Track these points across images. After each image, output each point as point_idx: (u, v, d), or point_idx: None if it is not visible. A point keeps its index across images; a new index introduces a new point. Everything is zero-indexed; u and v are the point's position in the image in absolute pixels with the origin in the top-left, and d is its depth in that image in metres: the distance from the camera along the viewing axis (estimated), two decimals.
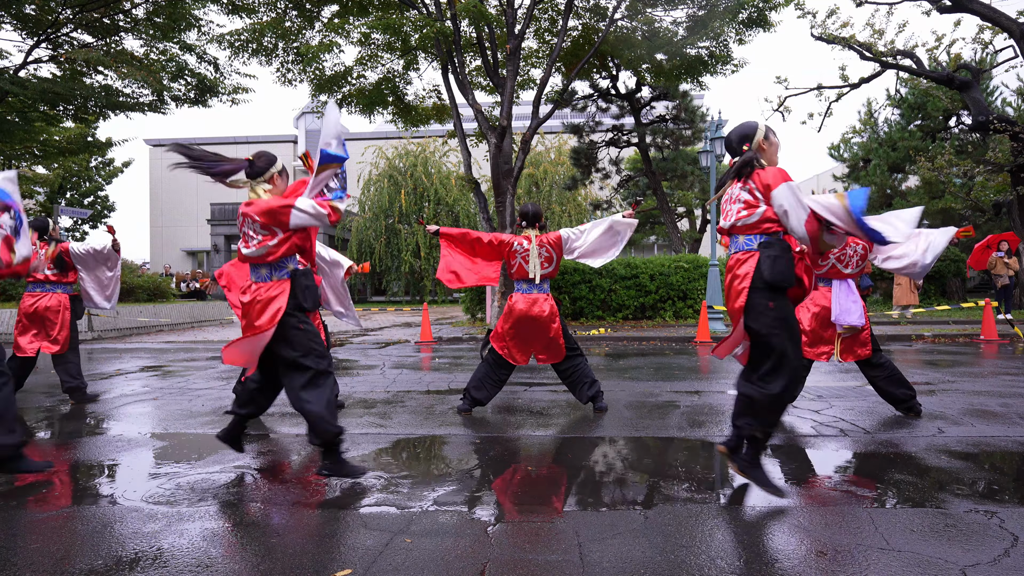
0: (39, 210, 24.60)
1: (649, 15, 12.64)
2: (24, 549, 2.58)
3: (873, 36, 14.66)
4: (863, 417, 4.81)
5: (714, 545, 2.56)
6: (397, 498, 3.15)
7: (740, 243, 3.13)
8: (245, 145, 35.85)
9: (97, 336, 12.99)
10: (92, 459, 3.97)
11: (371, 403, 5.63)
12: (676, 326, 12.81)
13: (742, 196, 3.12)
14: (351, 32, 12.53)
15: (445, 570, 2.36)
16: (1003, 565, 2.32)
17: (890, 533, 2.62)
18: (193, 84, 14.90)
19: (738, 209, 3.12)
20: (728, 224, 3.18)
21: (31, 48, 13.70)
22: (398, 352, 9.86)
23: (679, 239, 18.94)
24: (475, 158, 14.11)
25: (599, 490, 3.28)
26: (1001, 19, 13.17)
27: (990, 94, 20.66)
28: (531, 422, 4.84)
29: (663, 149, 18.73)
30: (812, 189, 35.32)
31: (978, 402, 5.33)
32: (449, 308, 23.21)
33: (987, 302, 10.96)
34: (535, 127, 12.67)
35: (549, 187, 27.26)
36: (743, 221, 3.10)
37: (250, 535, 2.72)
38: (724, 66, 13.60)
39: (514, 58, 12.22)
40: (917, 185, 21.16)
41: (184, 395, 6.19)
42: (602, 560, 2.42)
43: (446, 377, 7.18)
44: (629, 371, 7.35)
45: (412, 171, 27.19)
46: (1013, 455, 3.84)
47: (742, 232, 3.12)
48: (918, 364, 7.86)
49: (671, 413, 5.07)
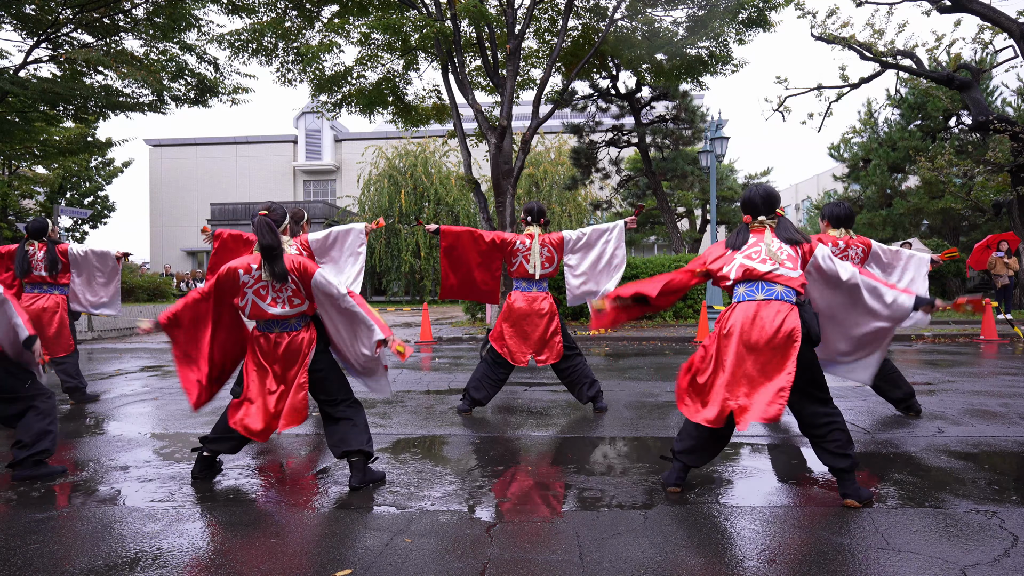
0: (39, 210, 24.60)
1: (649, 15, 12.64)
2: (24, 549, 2.58)
3: (873, 36, 14.65)
4: (863, 417, 4.81)
5: (714, 545, 2.56)
6: (397, 498, 3.15)
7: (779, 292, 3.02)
8: (245, 145, 35.88)
9: (97, 336, 12.99)
10: (92, 459, 3.97)
11: (371, 403, 5.62)
12: (676, 326, 12.81)
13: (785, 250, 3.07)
14: (351, 32, 12.52)
15: (445, 570, 2.36)
16: (1003, 565, 2.32)
17: (890, 533, 2.62)
18: (193, 84, 14.89)
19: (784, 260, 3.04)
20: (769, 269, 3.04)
21: (31, 48, 13.69)
22: None
23: (679, 239, 18.93)
24: (475, 158, 14.11)
25: (599, 490, 3.28)
26: (1001, 19, 13.17)
27: (990, 94, 20.64)
28: (531, 422, 4.84)
29: (663, 149, 18.71)
30: (812, 189, 35.32)
31: (978, 402, 5.33)
32: (449, 308, 23.21)
33: (987, 302, 10.96)
34: (535, 127, 12.66)
35: (549, 187, 27.25)
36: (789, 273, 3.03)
37: (250, 535, 2.72)
38: (724, 66, 13.59)
39: (514, 58, 12.22)
40: (917, 185, 21.14)
41: (184, 395, 6.19)
42: (602, 560, 2.42)
43: (446, 377, 7.17)
44: (629, 371, 7.35)
45: (412, 171, 27.19)
46: (1013, 455, 3.84)
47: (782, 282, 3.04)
48: (918, 364, 7.86)
49: (671, 413, 5.07)
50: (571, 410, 5.26)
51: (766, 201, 3.16)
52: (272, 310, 3.24)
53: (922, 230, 22.23)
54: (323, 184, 36.30)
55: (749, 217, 3.19)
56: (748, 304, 3.02)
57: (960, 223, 21.63)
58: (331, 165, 35.59)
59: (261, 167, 35.77)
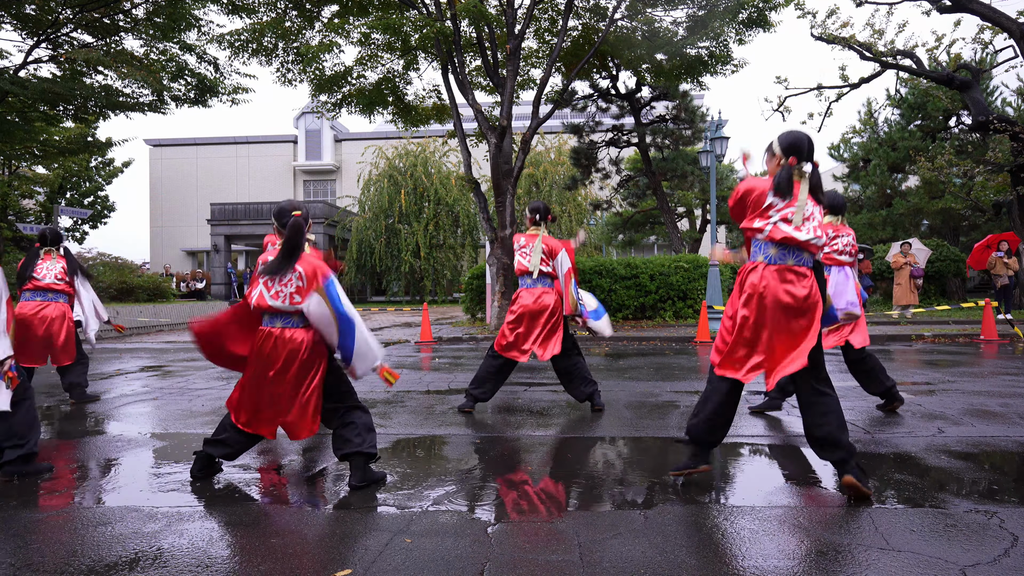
0: (39, 210, 24.59)
1: (649, 15, 12.64)
2: (24, 549, 2.58)
3: (873, 36, 14.66)
4: (863, 417, 4.82)
5: (714, 545, 2.56)
6: (397, 498, 3.15)
7: (805, 258, 3.09)
8: (245, 145, 35.86)
9: (97, 336, 12.98)
10: (92, 459, 3.98)
11: (371, 403, 5.62)
12: (676, 326, 12.81)
13: (816, 215, 3.11)
14: (351, 32, 12.52)
15: (445, 570, 2.36)
16: (1003, 565, 2.32)
17: (890, 533, 2.62)
18: (193, 84, 14.89)
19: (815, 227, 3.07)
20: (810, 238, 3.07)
21: (31, 48, 13.69)
22: (398, 352, 9.86)
23: (679, 239, 18.93)
24: (475, 158, 14.11)
25: (599, 490, 3.28)
26: (1001, 19, 13.17)
27: (990, 94, 20.65)
28: (531, 422, 4.84)
29: (663, 149, 18.71)
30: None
31: (978, 402, 5.33)
32: (449, 308, 23.21)
33: (987, 302, 10.96)
34: (535, 127, 12.66)
35: (549, 187, 27.25)
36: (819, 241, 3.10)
37: (250, 535, 2.72)
38: (724, 66, 13.59)
39: (514, 58, 12.22)
40: (917, 185, 21.14)
41: (184, 395, 6.19)
42: (602, 560, 2.42)
43: (446, 377, 7.17)
44: (629, 371, 7.35)
45: (412, 171, 27.18)
46: (1013, 455, 3.84)
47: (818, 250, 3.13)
48: (918, 364, 7.86)
49: (671, 413, 5.07)
50: (571, 410, 5.26)
51: (811, 147, 3.12)
52: (273, 303, 3.27)
53: (922, 230, 22.24)
54: (323, 184, 36.29)
55: (795, 159, 3.10)
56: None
57: (960, 223, 21.63)
58: (331, 165, 35.58)
59: (261, 167, 35.77)
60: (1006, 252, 12.46)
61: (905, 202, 20.56)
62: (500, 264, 12.23)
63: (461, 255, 27.50)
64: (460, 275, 26.91)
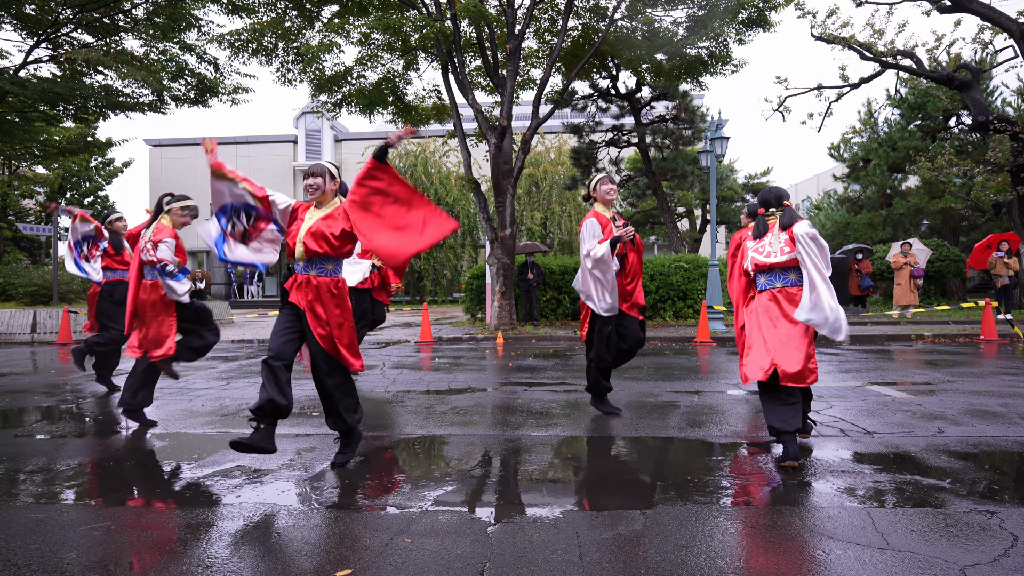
0: (39, 210, 24.59)
1: (649, 15, 12.64)
2: (24, 549, 2.58)
3: (873, 36, 14.66)
4: (863, 417, 4.81)
5: (714, 545, 2.56)
6: (397, 498, 3.15)
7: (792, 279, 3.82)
8: (245, 145, 35.87)
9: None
10: (92, 459, 3.97)
11: (371, 403, 5.62)
12: (676, 326, 12.81)
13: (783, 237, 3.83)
14: (351, 32, 12.53)
15: (445, 570, 2.36)
16: (1003, 565, 2.32)
17: (890, 533, 2.62)
18: (193, 84, 14.90)
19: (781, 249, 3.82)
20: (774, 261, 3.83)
21: (31, 48, 13.70)
22: (398, 352, 9.86)
23: (679, 239, 18.93)
24: (475, 158, 14.11)
25: (599, 490, 3.28)
26: (1001, 19, 13.17)
27: (990, 94, 20.65)
28: (531, 422, 4.84)
29: (663, 149, 18.70)
30: (812, 189, 35.26)
31: (978, 402, 5.33)
32: (449, 308, 23.21)
33: (987, 302, 10.96)
34: (535, 127, 12.67)
35: (549, 187, 27.24)
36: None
37: (250, 535, 2.72)
38: (724, 66, 13.60)
39: (514, 58, 12.22)
40: (917, 185, 21.15)
41: (184, 395, 6.19)
42: (602, 560, 2.42)
43: (446, 377, 7.17)
44: (629, 371, 7.35)
45: (412, 171, 27.18)
46: (1013, 455, 3.84)
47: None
48: (918, 364, 7.86)
49: (671, 413, 5.07)
50: (571, 410, 5.26)
51: (777, 197, 3.94)
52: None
53: (922, 230, 22.25)
54: None
55: (762, 210, 3.94)
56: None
57: (960, 223, 21.64)
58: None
59: (261, 167, 35.74)
60: (1006, 252, 12.47)
61: (905, 202, 20.56)
62: (500, 264, 12.22)
63: (461, 255, 27.50)
64: (460, 275, 26.90)
